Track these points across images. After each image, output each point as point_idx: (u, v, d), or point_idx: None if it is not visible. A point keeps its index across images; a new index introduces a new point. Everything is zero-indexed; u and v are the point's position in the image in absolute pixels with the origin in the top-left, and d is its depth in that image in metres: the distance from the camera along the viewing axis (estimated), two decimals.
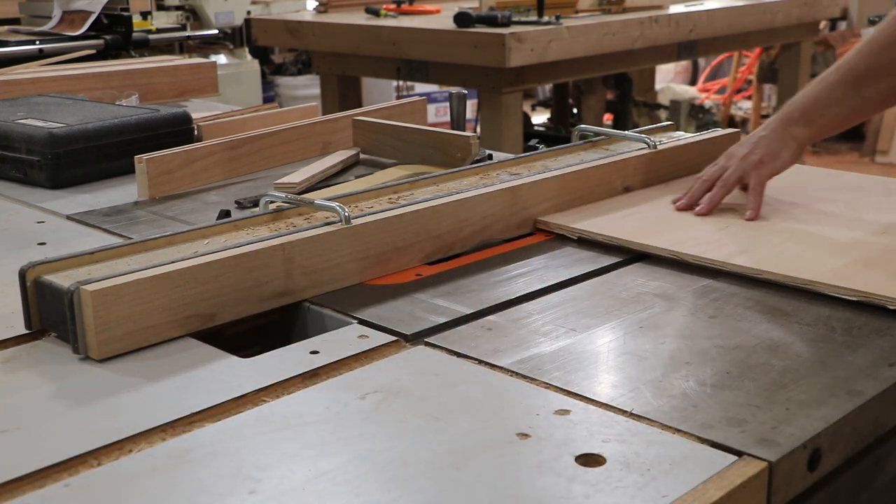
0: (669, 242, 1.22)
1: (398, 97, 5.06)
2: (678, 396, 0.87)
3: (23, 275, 0.99)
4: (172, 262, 1.02)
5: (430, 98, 5.47)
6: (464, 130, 1.76)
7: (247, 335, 1.10)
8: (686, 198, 1.39)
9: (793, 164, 1.40)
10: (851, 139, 5.96)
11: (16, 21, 3.16)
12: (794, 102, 1.39)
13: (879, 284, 1.07)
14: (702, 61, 7.35)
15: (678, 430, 0.81)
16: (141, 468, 0.76)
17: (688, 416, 0.83)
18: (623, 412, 0.84)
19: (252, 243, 1.08)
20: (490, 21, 3.09)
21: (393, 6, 3.64)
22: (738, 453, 0.78)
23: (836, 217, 1.34)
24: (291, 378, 0.92)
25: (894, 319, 1.03)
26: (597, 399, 0.87)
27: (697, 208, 1.37)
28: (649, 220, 1.34)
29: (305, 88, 5.51)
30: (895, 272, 1.12)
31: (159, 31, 3.29)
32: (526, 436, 0.80)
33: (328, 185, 1.55)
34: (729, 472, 0.75)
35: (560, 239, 1.31)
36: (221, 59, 3.99)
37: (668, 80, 7.11)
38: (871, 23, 4.52)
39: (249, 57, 4.19)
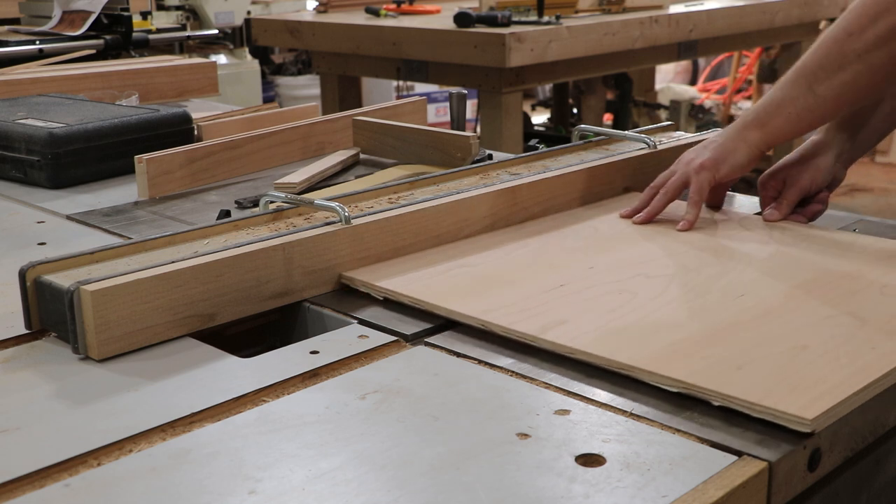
0: (485, 307, 1.02)
1: (398, 97, 5.06)
2: (678, 396, 0.87)
3: (23, 275, 0.99)
4: (172, 262, 1.02)
5: (430, 98, 5.47)
6: (464, 130, 1.76)
7: (247, 335, 1.10)
8: (631, 207, 1.33)
9: (742, 171, 1.30)
10: None
11: (16, 21, 3.16)
12: (753, 107, 1.32)
13: (707, 371, 0.87)
14: (702, 61, 7.35)
15: (678, 430, 0.81)
16: (141, 468, 0.76)
17: (688, 417, 0.83)
18: (623, 412, 0.84)
19: (252, 243, 1.08)
20: (490, 21, 3.09)
21: (393, 6, 3.65)
22: (738, 453, 0.78)
23: (694, 272, 1.14)
24: (291, 378, 0.92)
25: None
26: (597, 399, 0.87)
27: (635, 217, 1.31)
28: (478, 274, 1.14)
29: (305, 88, 5.51)
30: (735, 353, 0.91)
31: (159, 31, 3.29)
32: (526, 436, 0.80)
33: (328, 185, 1.55)
34: (729, 472, 0.75)
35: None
36: (221, 59, 3.99)
37: (668, 80, 7.11)
38: None
39: (249, 57, 4.19)
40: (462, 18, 3.11)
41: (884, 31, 1.14)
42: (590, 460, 0.76)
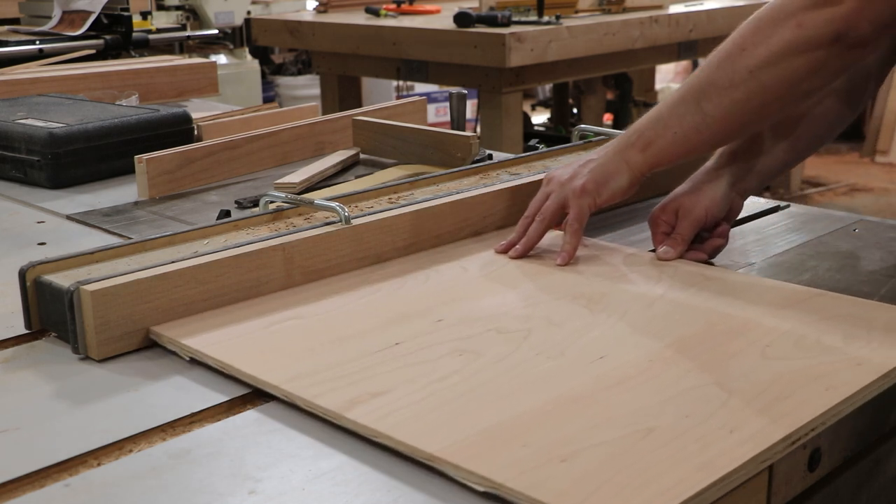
0: (295, 372, 0.88)
1: (398, 97, 5.06)
2: None
3: (23, 275, 0.99)
4: (172, 262, 1.02)
5: (430, 98, 5.47)
6: (464, 130, 1.76)
7: None
8: (507, 240, 1.20)
9: (623, 196, 1.18)
10: (851, 139, 5.96)
11: (16, 21, 3.16)
12: (634, 125, 1.19)
13: (523, 465, 0.72)
14: (702, 61, 7.35)
15: None
16: (141, 468, 0.76)
17: None
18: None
19: (252, 243, 1.08)
20: (490, 21, 3.10)
21: (393, 6, 3.65)
22: None
23: (556, 327, 0.98)
24: None
25: None
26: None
27: (511, 251, 1.18)
28: (307, 329, 0.99)
29: (305, 88, 5.51)
30: (566, 437, 0.76)
31: (159, 31, 3.29)
32: None
33: (328, 185, 1.55)
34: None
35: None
36: (221, 59, 3.99)
37: (668, 80, 7.11)
38: None
39: (249, 57, 4.19)
40: (462, 18, 3.11)
41: (777, 47, 1.07)
42: None
